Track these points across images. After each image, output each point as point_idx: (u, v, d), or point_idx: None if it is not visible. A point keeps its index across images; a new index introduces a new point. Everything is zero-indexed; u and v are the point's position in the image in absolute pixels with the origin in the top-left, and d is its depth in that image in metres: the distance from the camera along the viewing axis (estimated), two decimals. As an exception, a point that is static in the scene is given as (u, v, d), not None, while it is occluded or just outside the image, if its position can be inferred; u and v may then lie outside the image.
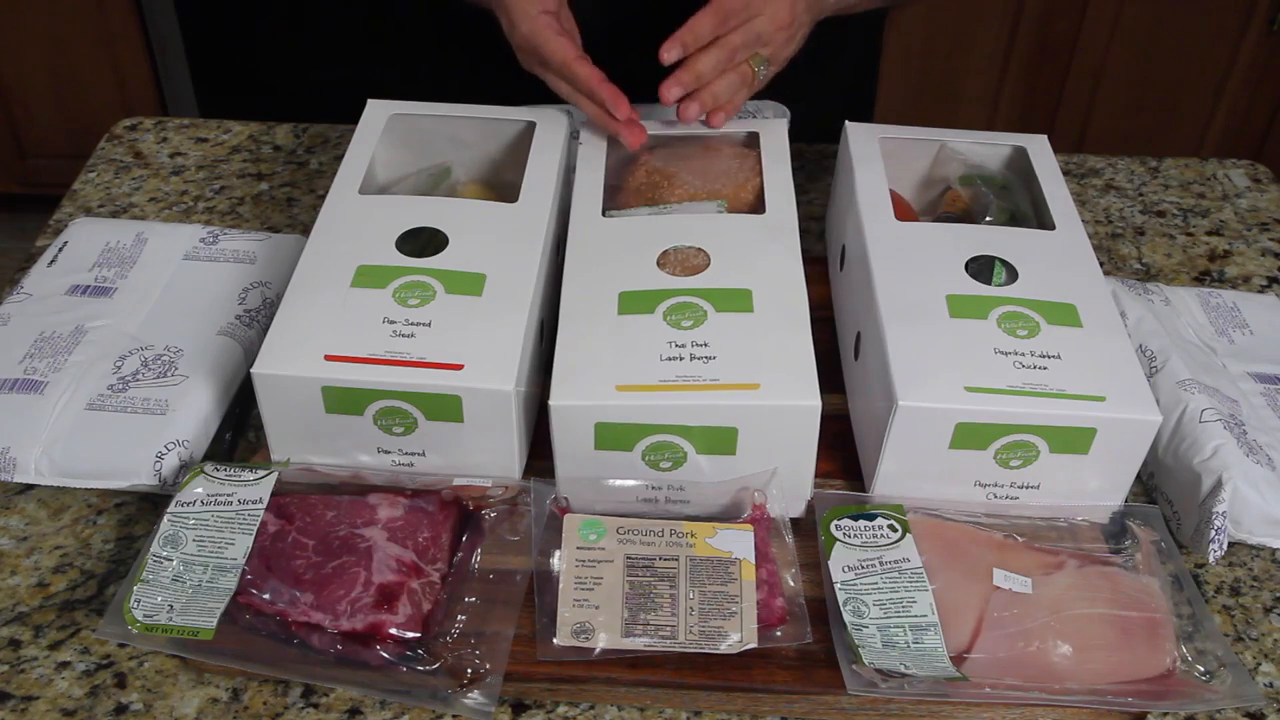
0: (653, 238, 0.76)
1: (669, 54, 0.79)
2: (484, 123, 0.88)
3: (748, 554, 0.66)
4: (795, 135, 0.89)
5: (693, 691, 0.64)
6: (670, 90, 0.80)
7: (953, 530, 0.69)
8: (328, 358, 0.69)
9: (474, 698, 0.62)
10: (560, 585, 0.64)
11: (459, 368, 0.68)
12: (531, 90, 0.91)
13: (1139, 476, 0.77)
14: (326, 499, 0.69)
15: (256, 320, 0.84)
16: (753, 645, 0.63)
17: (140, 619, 0.62)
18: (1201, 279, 0.97)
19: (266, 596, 0.64)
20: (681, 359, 0.68)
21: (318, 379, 0.68)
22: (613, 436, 0.67)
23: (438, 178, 0.89)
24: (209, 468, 0.70)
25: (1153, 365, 0.80)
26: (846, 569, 0.66)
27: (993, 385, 0.67)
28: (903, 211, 0.82)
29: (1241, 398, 0.79)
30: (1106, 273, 0.93)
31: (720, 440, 0.67)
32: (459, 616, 0.65)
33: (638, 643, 0.62)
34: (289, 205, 1.02)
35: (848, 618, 0.63)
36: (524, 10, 0.81)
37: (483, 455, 0.71)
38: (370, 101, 0.89)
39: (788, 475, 0.69)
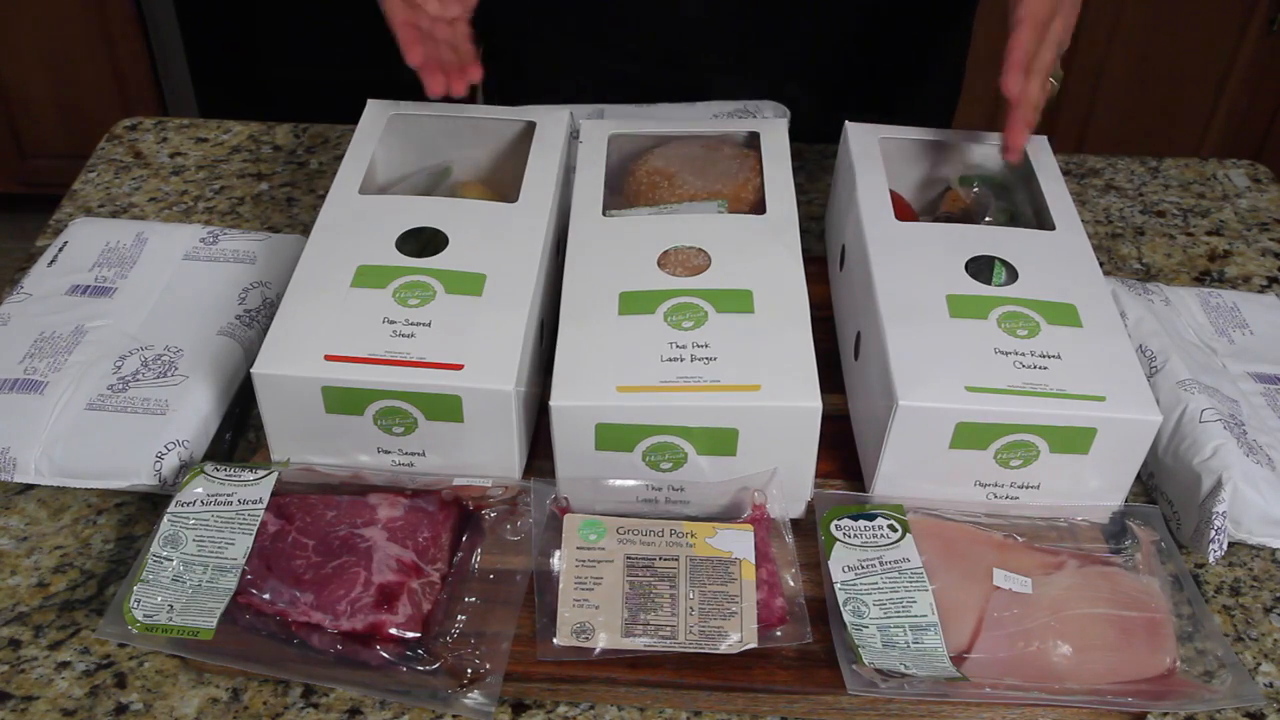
0: (653, 238, 0.76)
1: (1015, 85, 0.76)
2: (484, 123, 0.88)
3: (748, 554, 0.66)
4: (795, 135, 0.89)
5: (693, 691, 0.64)
6: (1020, 136, 0.78)
7: (953, 530, 0.69)
8: (328, 358, 0.69)
9: (474, 698, 0.62)
10: (560, 585, 0.64)
11: (459, 368, 0.68)
12: (531, 90, 0.92)
13: (1139, 476, 0.77)
14: (326, 499, 0.69)
15: (256, 320, 0.84)
16: (753, 645, 0.63)
17: (140, 619, 0.62)
18: (1201, 279, 0.97)
19: (266, 596, 0.64)
20: (682, 360, 0.68)
21: (318, 379, 0.68)
22: (613, 437, 0.67)
23: (438, 178, 0.89)
24: (209, 468, 0.70)
25: (1153, 365, 0.80)
26: (846, 569, 0.66)
27: (993, 385, 0.67)
28: (903, 211, 0.82)
29: (1241, 398, 0.79)
30: (1106, 273, 0.94)
31: (721, 441, 0.67)
32: (459, 616, 0.65)
33: (638, 643, 0.63)
34: (289, 205, 1.02)
35: (848, 618, 0.63)
36: None
37: (483, 455, 0.71)
38: (370, 101, 0.89)
39: (788, 475, 0.69)
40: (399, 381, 0.68)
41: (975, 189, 0.86)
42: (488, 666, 0.63)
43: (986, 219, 0.83)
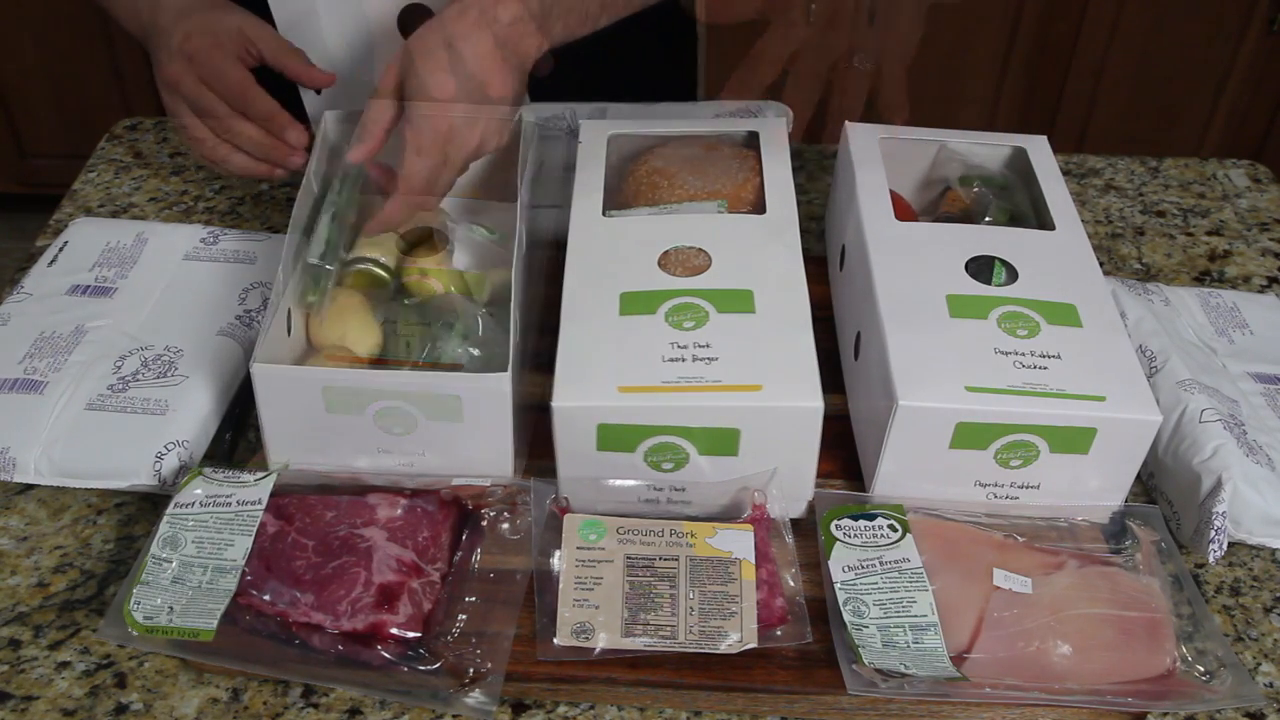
0: (653, 238, 0.76)
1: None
2: (484, 123, 0.88)
3: (748, 554, 0.66)
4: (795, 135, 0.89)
5: (693, 691, 0.64)
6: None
7: (953, 530, 0.69)
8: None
9: (475, 697, 0.62)
10: (560, 585, 0.64)
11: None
12: (531, 90, 0.91)
13: (1139, 476, 0.77)
14: (326, 499, 0.69)
15: (256, 320, 0.84)
16: (753, 645, 0.63)
17: (140, 620, 0.62)
18: (1201, 279, 0.97)
19: (267, 597, 0.64)
20: (683, 360, 0.68)
21: (318, 378, 0.68)
22: (615, 438, 0.67)
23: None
24: (208, 470, 0.70)
25: (1153, 365, 0.80)
26: (846, 569, 0.66)
27: (993, 385, 0.67)
28: (903, 211, 0.82)
29: (1241, 398, 0.79)
30: (1106, 273, 0.94)
31: (722, 441, 0.67)
32: (459, 616, 0.65)
33: (638, 643, 0.63)
34: (289, 205, 1.02)
35: (848, 618, 0.63)
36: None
37: (482, 455, 0.71)
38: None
39: (788, 475, 0.69)
40: (399, 381, 0.68)
41: (975, 189, 0.86)
42: (488, 666, 0.63)
43: (986, 219, 0.83)
